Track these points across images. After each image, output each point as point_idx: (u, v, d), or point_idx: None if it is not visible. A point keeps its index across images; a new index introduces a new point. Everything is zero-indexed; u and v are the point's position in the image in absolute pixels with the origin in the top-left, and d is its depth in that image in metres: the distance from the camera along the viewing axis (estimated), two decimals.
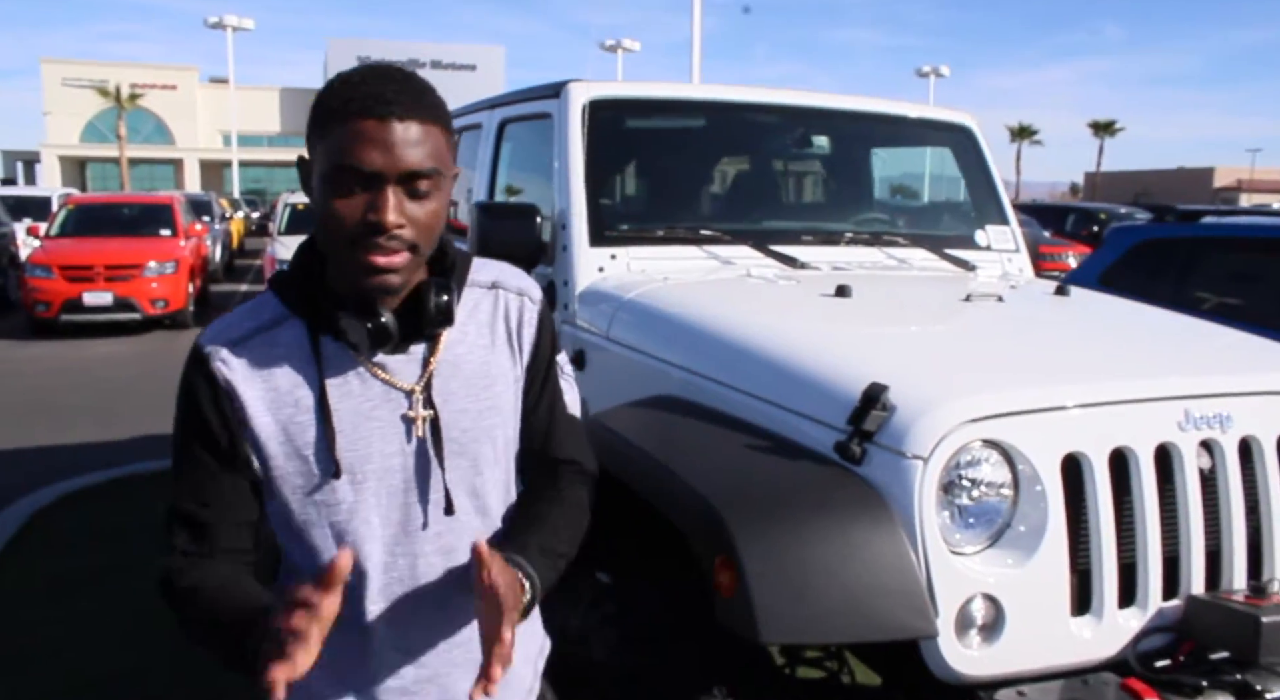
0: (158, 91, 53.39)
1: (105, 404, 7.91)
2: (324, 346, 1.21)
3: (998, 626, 1.74)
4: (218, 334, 1.22)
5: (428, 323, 1.20)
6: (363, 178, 1.11)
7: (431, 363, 1.24)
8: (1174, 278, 5.86)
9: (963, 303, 2.53)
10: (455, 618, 1.29)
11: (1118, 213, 17.72)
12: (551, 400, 1.38)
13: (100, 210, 13.22)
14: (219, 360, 1.19)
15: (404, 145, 1.11)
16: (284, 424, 1.19)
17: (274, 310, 1.23)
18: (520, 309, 1.32)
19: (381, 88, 1.12)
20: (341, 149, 1.11)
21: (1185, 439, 1.90)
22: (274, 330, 1.22)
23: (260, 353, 1.20)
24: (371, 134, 1.10)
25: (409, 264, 1.16)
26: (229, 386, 1.18)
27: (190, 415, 1.21)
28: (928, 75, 47.88)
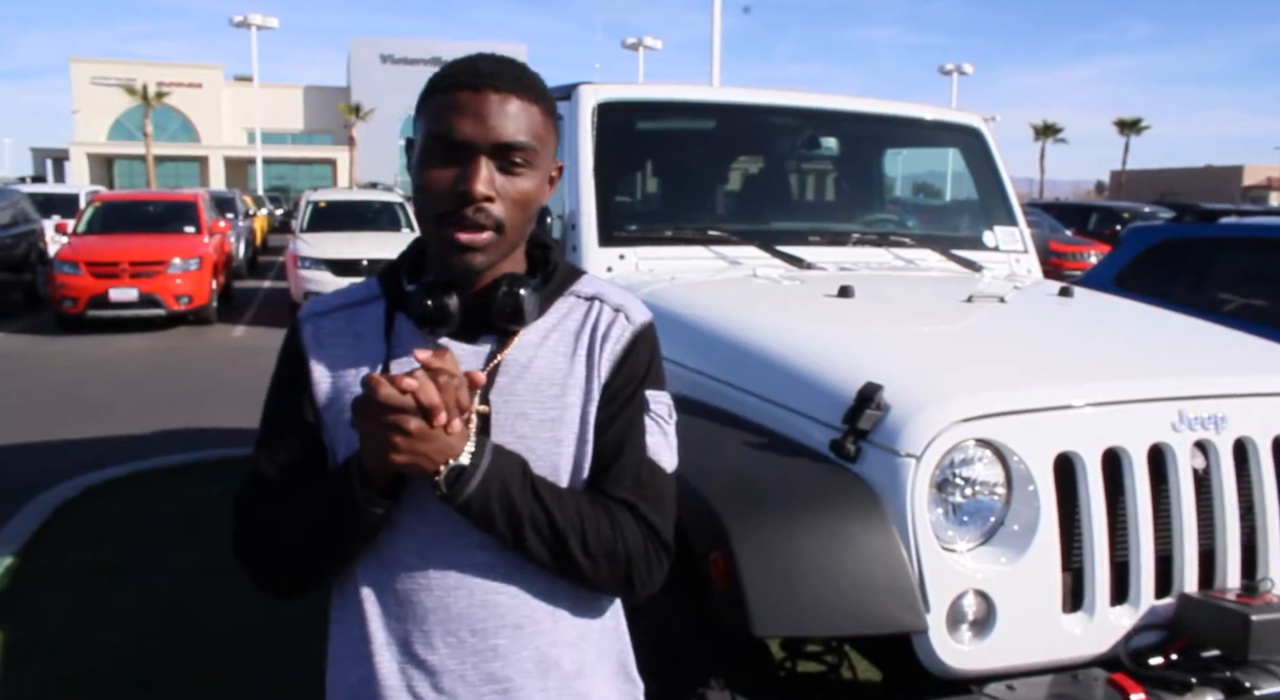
0: (183, 90, 54.08)
1: (129, 398, 8.04)
2: (397, 326, 1.21)
3: (989, 622, 1.77)
4: (311, 306, 1.28)
5: (496, 316, 1.17)
6: (455, 147, 1.11)
7: (498, 358, 1.19)
8: (1191, 278, 5.84)
9: (964, 304, 2.56)
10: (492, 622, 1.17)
11: (1141, 212, 17.57)
12: (626, 433, 1.21)
13: (126, 207, 13.40)
14: (303, 328, 1.25)
15: (499, 117, 1.11)
16: (340, 394, 1.20)
17: (367, 291, 1.27)
18: (611, 323, 1.22)
19: (485, 65, 1.14)
20: (437, 119, 1.12)
21: (1179, 440, 1.92)
22: (358, 308, 1.25)
23: (338, 326, 1.24)
24: (467, 104, 1.11)
25: (494, 244, 1.13)
26: (304, 354, 1.23)
27: (277, 372, 1.27)
28: (951, 73, 47.53)
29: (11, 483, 5.57)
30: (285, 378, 1.25)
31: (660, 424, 1.25)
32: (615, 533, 1.16)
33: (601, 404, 1.21)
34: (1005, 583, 1.78)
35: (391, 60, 59.92)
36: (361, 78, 58.83)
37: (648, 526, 1.19)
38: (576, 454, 1.20)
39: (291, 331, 1.27)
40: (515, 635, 1.17)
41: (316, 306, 1.27)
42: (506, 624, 1.16)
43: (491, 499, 1.11)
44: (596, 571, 1.15)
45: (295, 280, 12.28)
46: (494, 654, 1.16)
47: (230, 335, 11.66)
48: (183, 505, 5.12)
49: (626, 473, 1.20)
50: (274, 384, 1.27)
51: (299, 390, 1.23)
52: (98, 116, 54.65)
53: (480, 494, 1.10)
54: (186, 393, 8.33)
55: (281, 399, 1.25)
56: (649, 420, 1.24)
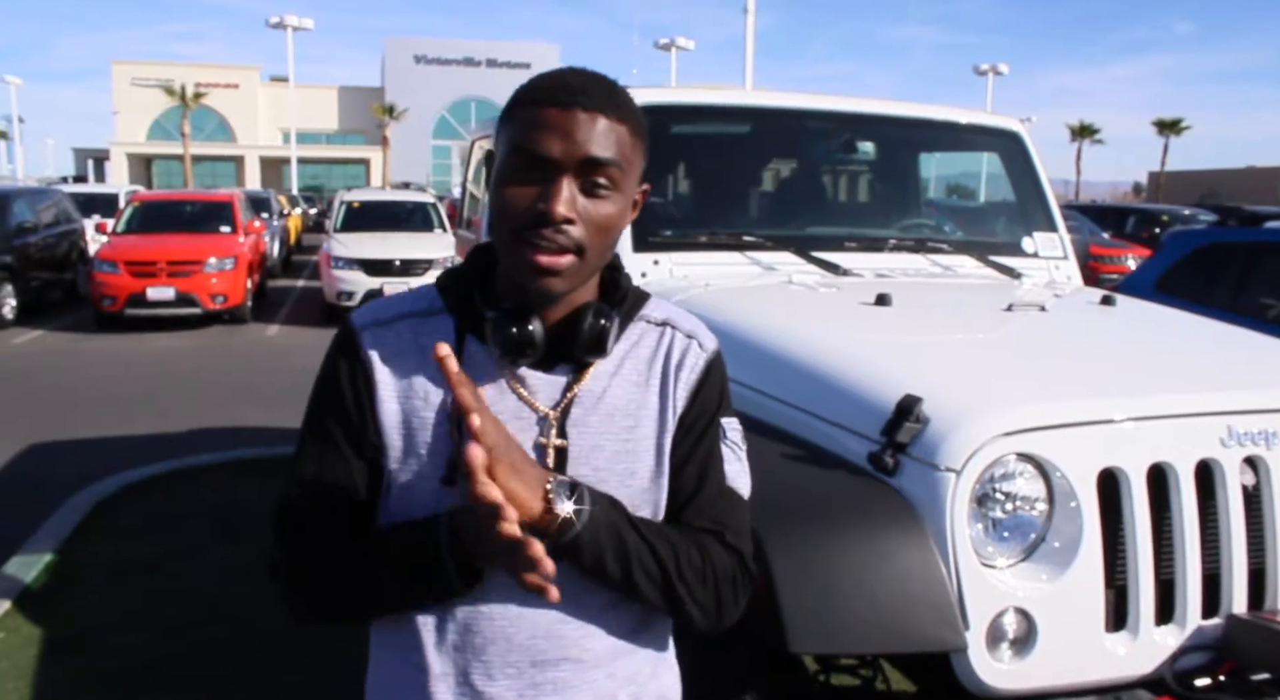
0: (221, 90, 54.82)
1: (166, 396, 8.15)
2: (468, 346, 1.14)
3: (1030, 641, 1.74)
4: (368, 313, 1.18)
5: (579, 347, 1.12)
6: (537, 164, 1.05)
7: (574, 389, 1.14)
8: (1233, 283, 5.73)
9: (1004, 312, 2.51)
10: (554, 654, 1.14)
11: (1181, 214, 17.27)
12: (705, 463, 1.19)
13: (164, 207, 13.59)
14: (363, 337, 1.15)
15: (585, 134, 1.05)
16: (408, 415, 1.13)
17: (430, 301, 1.18)
18: (685, 351, 1.19)
19: (574, 79, 1.09)
20: (520, 133, 1.07)
21: (1228, 455, 1.87)
22: (424, 319, 1.17)
23: (403, 338, 1.15)
24: (553, 120, 1.05)
25: (574, 268, 1.08)
26: (367, 365, 1.14)
27: (327, 387, 1.17)
28: (986, 74, 47.03)
29: (51, 480, 5.66)
30: (343, 388, 1.15)
31: (735, 451, 1.25)
32: (706, 563, 1.15)
33: (679, 436, 1.18)
34: (1046, 601, 1.74)
35: (425, 61, 60.39)
36: (395, 78, 59.33)
37: (735, 554, 1.18)
38: (651, 486, 1.17)
39: (347, 339, 1.17)
40: (576, 668, 1.14)
41: (376, 313, 1.18)
42: (568, 657, 1.14)
43: (600, 537, 1.08)
44: (694, 602, 1.14)
45: (329, 280, 12.40)
46: (553, 687, 1.14)
47: (264, 334, 11.78)
48: (218, 504, 5.17)
49: (709, 503, 1.19)
50: (325, 393, 1.17)
51: (361, 405, 1.14)
52: (137, 117, 55.58)
53: (590, 534, 1.07)
54: (221, 391, 8.43)
55: (339, 412, 1.15)
56: (725, 448, 1.23)
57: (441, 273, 1.22)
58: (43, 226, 13.35)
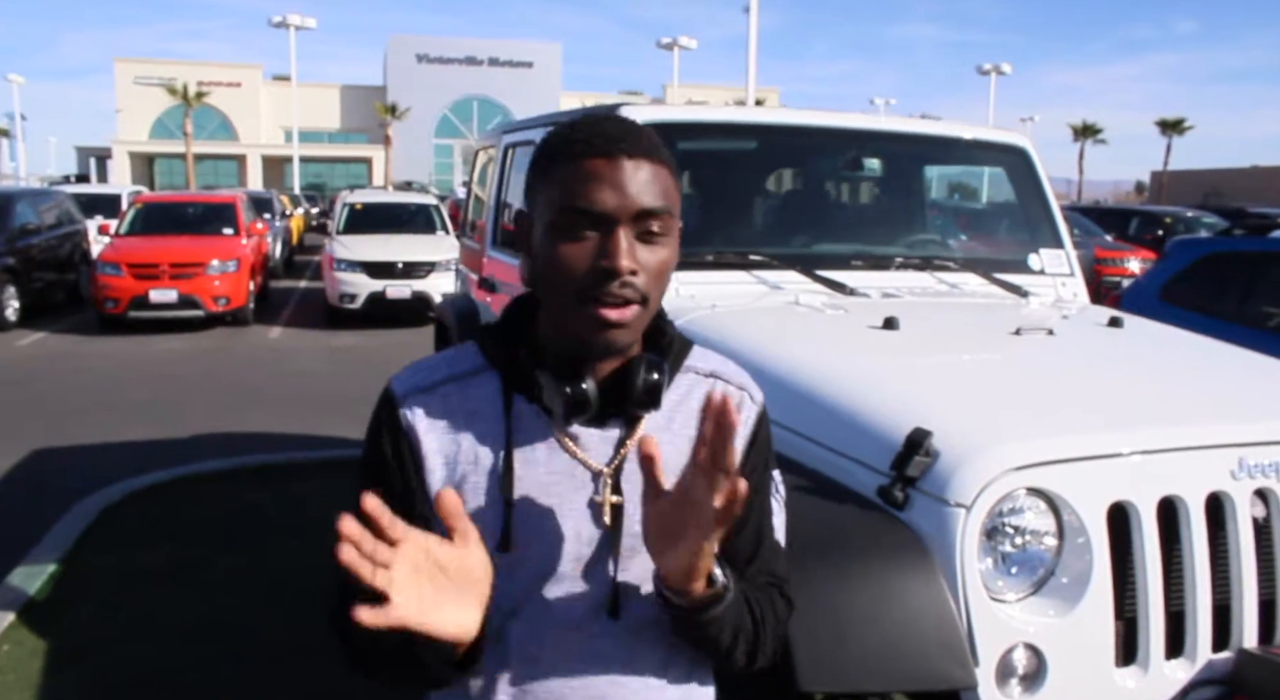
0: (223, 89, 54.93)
1: (170, 400, 8.15)
2: (516, 406, 1.12)
3: (1039, 676, 1.73)
4: (410, 379, 1.16)
5: (632, 402, 1.09)
6: (593, 220, 1.03)
7: (627, 445, 1.13)
8: (1238, 293, 5.72)
9: (1012, 336, 2.50)
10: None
11: (1184, 216, 17.25)
12: (760, 521, 1.19)
13: (167, 209, 13.59)
14: (406, 406, 1.13)
15: (635, 184, 1.04)
16: (458, 482, 1.11)
17: (472, 360, 1.16)
18: (738, 405, 1.18)
19: (608, 127, 1.06)
20: (570, 190, 1.04)
21: (1238, 488, 1.87)
22: (467, 380, 1.14)
23: (448, 403, 1.13)
24: (602, 173, 1.03)
25: (639, 319, 1.07)
26: (411, 434, 1.12)
27: (372, 458, 1.15)
28: (989, 73, 47.01)
29: (55, 486, 5.67)
30: (388, 461, 1.13)
31: (780, 503, 1.25)
32: (779, 619, 1.17)
33: None
34: (1056, 636, 1.74)
35: (427, 59, 60.41)
36: (398, 77, 59.35)
37: (789, 605, 1.21)
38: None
39: (388, 410, 1.14)
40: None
41: (418, 380, 1.15)
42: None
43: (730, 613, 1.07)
44: (764, 655, 1.15)
45: (331, 282, 12.40)
46: None
47: (267, 336, 11.78)
48: (223, 512, 5.17)
49: (766, 558, 1.19)
50: (371, 466, 1.15)
51: (408, 477, 1.12)
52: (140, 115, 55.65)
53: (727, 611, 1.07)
54: (225, 395, 8.43)
55: (387, 485, 1.11)
56: (774, 501, 1.24)
57: (480, 330, 1.19)
58: (45, 228, 13.35)
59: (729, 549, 1.15)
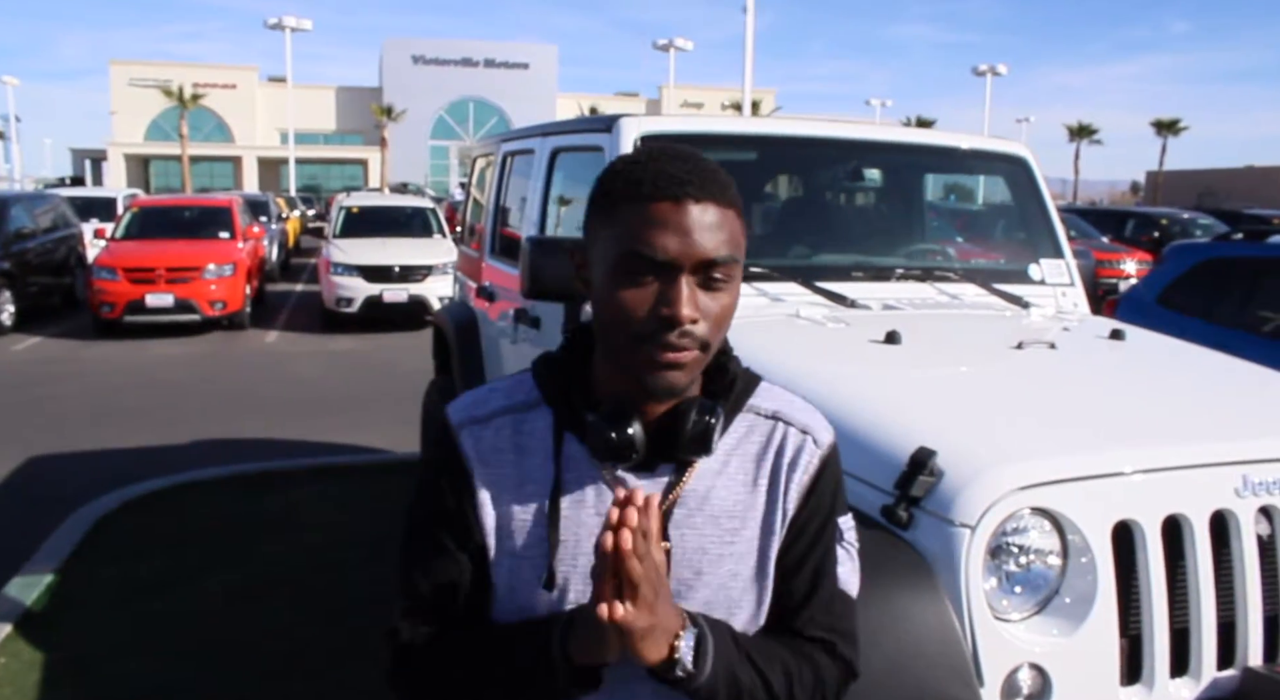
0: (218, 91, 54.88)
1: (166, 406, 8.13)
2: (567, 446, 1.10)
3: (1044, 697, 1.73)
4: (467, 408, 1.14)
5: (682, 447, 1.07)
6: (655, 266, 1.00)
7: (677, 491, 1.10)
8: (1237, 298, 5.72)
9: (1014, 350, 2.50)
10: None
11: (1180, 218, 17.28)
12: (818, 567, 1.15)
13: (163, 213, 13.57)
14: (461, 435, 1.12)
15: (700, 230, 1.00)
16: (506, 517, 1.10)
17: (528, 393, 1.14)
18: (799, 448, 1.14)
19: (673, 167, 1.02)
20: (632, 234, 1.01)
21: (1243, 506, 1.86)
22: (523, 414, 1.13)
23: (501, 436, 1.12)
24: (666, 218, 1.00)
25: (697, 363, 1.04)
26: (468, 469, 1.11)
27: (429, 489, 1.14)
28: (984, 74, 47.07)
29: (51, 494, 5.65)
30: (444, 490, 1.12)
31: (849, 550, 1.23)
32: (817, 682, 1.13)
33: (789, 539, 1.14)
34: (1061, 656, 1.73)
35: (423, 61, 60.39)
36: (393, 78, 59.33)
37: (844, 663, 1.17)
38: (752, 587, 1.12)
39: (446, 437, 1.13)
40: None
41: (474, 410, 1.14)
42: None
43: (719, 677, 1.03)
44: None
45: (328, 286, 12.39)
46: None
47: (263, 341, 11.76)
48: (221, 521, 5.15)
49: (822, 610, 1.15)
50: (427, 494, 1.14)
51: (463, 507, 1.11)
52: (135, 117, 55.57)
53: (711, 673, 1.03)
54: (221, 400, 8.41)
55: (442, 513, 1.13)
56: (840, 549, 1.21)
57: (539, 360, 1.18)
58: (41, 232, 13.33)
59: (781, 593, 1.14)
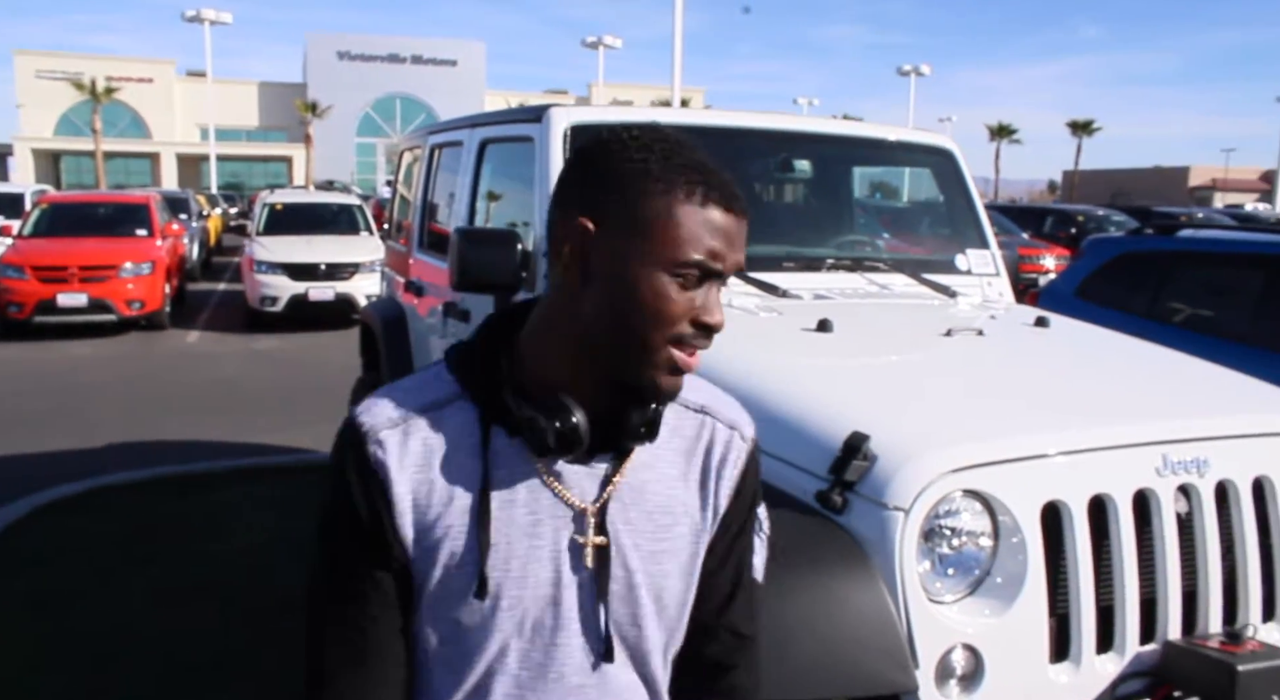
0: (134, 85, 53.05)
1: (80, 409, 7.82)
2: (495, 440, 1.04)
3: (977, 676, 1.75)
4: (376, 410, 1.05)
5: (629, 435, 1.04)
6: (704, 274, 0.99)
7: (614, 482, 1.07)
8: (1151, 290, 5.92)
9: (943, 338, 2.53)
10: None
11: (1095, 214, 17.90)
12: (740, 561, 1.17)
13: (75, 209, 13.06)
14: (374, 441, 1.03)
15: (740, 244, 1.02)
16: (431, 524, 1.02)
17: (445, 388, 1.06)
18: (728, 444, 1.13)
19: (722, 176, 1.01)
20: (697, 239, 0.98)
21: (1163, 485, 1.91)
22: (441, 411, 1.05)
23: (420, 437, 1.03)
24: (728, 230, 0.99)
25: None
26: (382, 472, 1.02)
27: (338, 502, 1.04)
28: (909, 74, 48.06)
29: None
30: (357, 507, 1.03)
31: (763, 539, 1.25)
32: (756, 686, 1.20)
33: (717, 535, 1.13)
34: (993, 635, 1.76)
35: (348, 57, 59.27)
36: (318, 74, 58.11)
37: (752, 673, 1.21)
38: (681, 585, 1.11)
39: (353, 446, 1.04)
40: None
41: (385, 412, 1.05)
42: None
43: None
44: None
45: (251, 284, 12.07)
46: None
47: (184, 341, 11.41)
48: (140, 524, 4.96)
49: (743, 602, 1.18)
50: (338, 513, 1.05)
51: (380, 529, 1.02)
52: (44, 111, 53.38)
53: None
54: (140, 402, 8.12)
55: (356, 539, 1.03)
56: (756, 538, 1.22)
57: (455, 351, 1.10)
58: None
59: (705, 588, 1.13)
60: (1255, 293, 5.30)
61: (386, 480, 1.02)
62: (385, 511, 1.02)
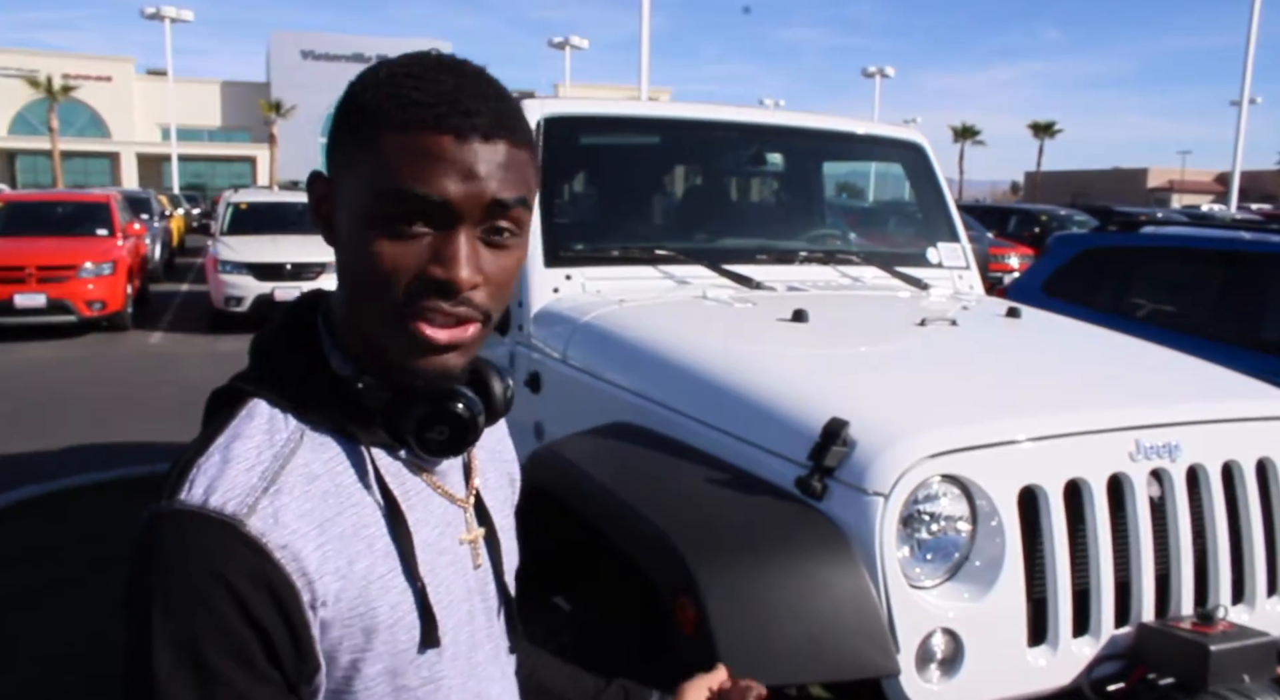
0: (92, 83, 52.02)
1: (39, 411, 7.66)
2: (378, 459, 0.87)
3: (957, 660, 1.75)
4: (230, 484, 0.79)
5: (495, 412, 0.92)
6: (427, 212, 0.80)
7: (474, 466, 0.97)
8: (1115, 285, 6.02)
9: (917, 327, 2.55)
10: None
11: (1058, 214, 18.18)
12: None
13: (32, 209, 12.79)
14: (256, 521, 0.77)
15: (488, 170, 0.80)
16: (361, 587, 0.82)
17: (281, 421, 0.84)
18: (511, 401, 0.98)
19: (456, 90, 0.80)
20: (398, 169, 0.79)
21: (1136, 469, 1.93)
22: (300, 452, 0.83)
23: (304, 490, 0.81)
24: (445, 154, 0.79)
25: (477, 340, 0.85)
26: (288, 555, 0.77)
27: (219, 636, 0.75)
28: (873, 76, 48.47)
29: None
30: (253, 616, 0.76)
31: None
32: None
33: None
34: (972, 619, 1.76)
35: (313, 56, 58.64)
36: (281, 74, 57.44)
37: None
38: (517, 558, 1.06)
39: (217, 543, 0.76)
40: None
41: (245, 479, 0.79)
42: None
43: None
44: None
45: (216, 285, 11.90)
46: None
47: (147, 342, 11.22)
48: (102, 528, 4.87)
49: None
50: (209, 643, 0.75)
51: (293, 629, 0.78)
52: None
53: None
54: (102, 404, 7.97)
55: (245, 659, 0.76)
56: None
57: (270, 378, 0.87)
58: None
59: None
60: (1215, 287, 5.41)
61: (298, 559, 0.78)
62: (295, 613, 0.78)
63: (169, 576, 0.76)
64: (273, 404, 0.85)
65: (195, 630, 0.75)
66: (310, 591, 0.79)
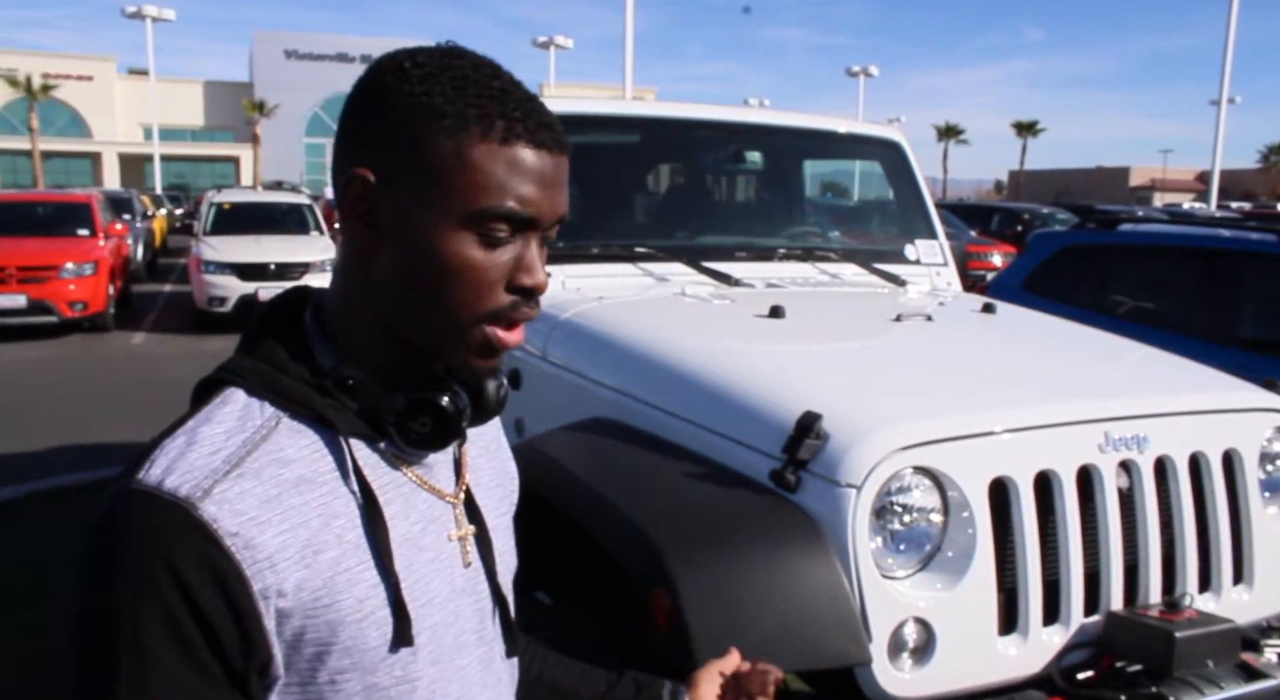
0: (73, 82, 51.63)
1: (20, 412, 7.62)
2: (356, 449, 0.86)
3: (929, 649, 1.78)
4: (188, 467, 0.77)
5: (488, 411, 0.93)
6: (513, 221, 0.82)
7: (465, 460, 0.96)
8: (1094, 283, 6.08)
9: (893, 323, 2.58)
10: None
11: (1040, 213, 18.29)
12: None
13: (12, 209, 12.69)
14: (210, 505, 0.76)
15: (562, 185, 0.85)
16: (327, 578, 0.80)
17: (257, 409, 0.83)
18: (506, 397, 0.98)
19: (532, 104, 0.83)
20: (499, 184, 0.80)
21: (1105, 460, 1.97)
22: (274, 438, 0.82)
23: (273, 475, 0.80)
24: (541, 170, 0.82)
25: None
26: (239, 542, 0.76)
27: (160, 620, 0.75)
28: (857, 75, 48.63)
29: None
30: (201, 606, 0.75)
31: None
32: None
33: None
34: (944, 609, 1.79)
35: (296, 56, 58.40)
36: (265, 73, 57.17)
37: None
38: (515, 559, 1.06)
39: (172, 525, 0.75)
40: None
41: (207, 462, 0.78)
42: None
43: None
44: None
45: (199, 285, 11.85)
46: None
47: (130, 343, 11.17)
48: (83, 528, 4.85)
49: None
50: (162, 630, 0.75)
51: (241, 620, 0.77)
52: None
53: None
54: (84, 405, 7.94)
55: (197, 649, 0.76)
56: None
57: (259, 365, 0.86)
58: None
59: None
60: (1191, 284, 5.47)
61: (252, 547, 0.76)
62: (245, 603, 0.76)
63: (118, 556, 0.76)
64: (250, 393, 0.85)
65: (139, 613, 0.75)
66: (262, 579, 0.77)
